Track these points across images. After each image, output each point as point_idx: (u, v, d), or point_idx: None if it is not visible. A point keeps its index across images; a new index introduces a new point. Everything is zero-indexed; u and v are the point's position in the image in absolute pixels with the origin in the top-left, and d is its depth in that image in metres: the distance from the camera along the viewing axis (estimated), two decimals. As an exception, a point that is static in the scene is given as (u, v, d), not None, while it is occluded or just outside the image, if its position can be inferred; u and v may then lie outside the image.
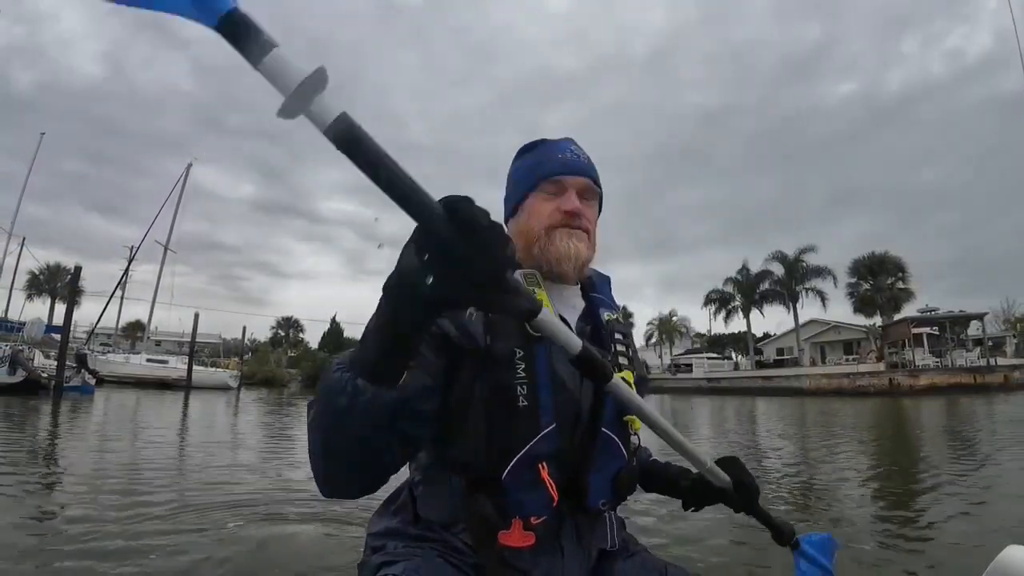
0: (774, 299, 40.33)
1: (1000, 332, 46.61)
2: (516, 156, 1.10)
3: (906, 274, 37.67)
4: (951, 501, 4.76)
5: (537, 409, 0.86)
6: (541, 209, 1.00)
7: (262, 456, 7.33)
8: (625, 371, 0.97)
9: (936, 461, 6.95)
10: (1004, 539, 1.04)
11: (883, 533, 3.87)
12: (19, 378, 18.65)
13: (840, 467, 6.73)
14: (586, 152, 1.06)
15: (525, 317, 0.65)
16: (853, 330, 40.37)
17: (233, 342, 50.29)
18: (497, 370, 0.87)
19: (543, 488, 0.85)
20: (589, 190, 1.03)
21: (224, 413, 15.94)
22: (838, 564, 1.08)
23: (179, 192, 37.82)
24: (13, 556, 3.07)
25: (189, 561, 3.07)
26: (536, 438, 0.86)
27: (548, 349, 0.89)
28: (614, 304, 1.09)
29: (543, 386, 0.87)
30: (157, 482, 5.23)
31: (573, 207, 0.98)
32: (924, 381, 27.59)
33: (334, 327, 45.46)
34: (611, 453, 0.94)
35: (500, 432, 0.86)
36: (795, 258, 38.59)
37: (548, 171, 1.01)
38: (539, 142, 1.07)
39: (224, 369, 33.97)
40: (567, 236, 0.98)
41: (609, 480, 0.93)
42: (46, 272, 44.08)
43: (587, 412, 0.93)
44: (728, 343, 56.37)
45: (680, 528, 3.91)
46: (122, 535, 3.50)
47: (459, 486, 0.89)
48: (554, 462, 0.87)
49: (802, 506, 4.80)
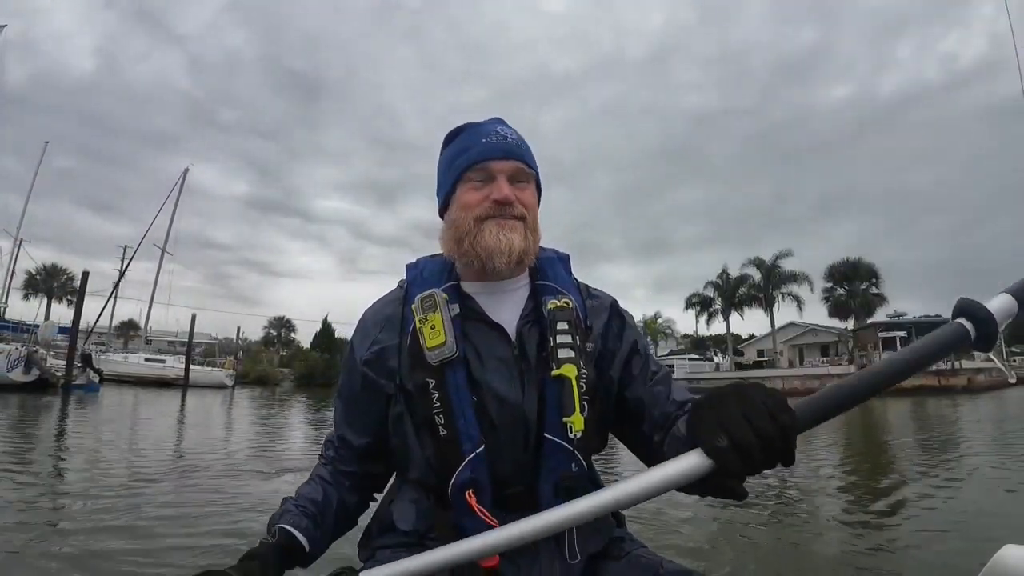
0: (752, 303, 41.76)
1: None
2: (443, 144, 1.03)
3: (879, 280, 39.25)
4: (924, 502, 4.92)
5: (457, 438, 0.85)
6: (469, 200, 0.94)
7: (262, 455, 8.02)
8: (565, 366, 0.88)
9: (903, 462, 7.24)
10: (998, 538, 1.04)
11: (876, 534, 3.99)
12: (33, 377, 20.02)
13: (818, 466, 7.02)
14: (516, 131, 1.00)
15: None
16: (830, 333, 41.92)
17: (225, 341, 51.16)
18: (417, 401, 0.89)
19: (476, 515, 0.84)
20: (521, 173, 0.96)
21: (227, 410, 17.17)
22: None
23: (176, 195, 38.83)
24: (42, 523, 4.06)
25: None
26: (460, 467, 0.85)
27: (465, 372, 0.88)
28: (566, 286, 1.00)
29: (458, 414, 0.86)
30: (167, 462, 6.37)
31: (502, 195, 0.92)
32: (889, 383, 28.98)
33: (326, 327, 46.30)
34: (555, 459, 0.89)
35: (435, 460, 0.88)
36: (772, 264, 40.05)
37: (473, 157, 0.95)
38: (464, 127, 1.01)
39: (221, 368, 34.96)
40: (497, 228, 0.92)
41: (552, 488, 0.89)
42: (43, 272, 44.77)
43: (535, 418, 0.90)
44: (712, 345, 57.82)
45: (680, 528, 4.14)
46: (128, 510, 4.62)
47: (426, 501, 0.92)
48: (488, 485, 0.86)
49: (784, 505, 5.05)
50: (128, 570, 3.17)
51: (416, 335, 0.91)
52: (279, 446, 8.72)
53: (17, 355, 19.86)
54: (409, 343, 0.92)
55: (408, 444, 0.92)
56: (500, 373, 0.91)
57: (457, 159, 0.97)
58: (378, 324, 0.98)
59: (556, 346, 0.91)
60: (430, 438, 0.88)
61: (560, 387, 0.88)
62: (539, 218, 1.01)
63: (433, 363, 0.87)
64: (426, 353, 0.88)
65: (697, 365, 48.80)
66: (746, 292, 41.53)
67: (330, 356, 40.79)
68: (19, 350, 20.26)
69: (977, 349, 0.70)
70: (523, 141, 1.00)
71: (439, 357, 0.87)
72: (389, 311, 0.99)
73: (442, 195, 1.01)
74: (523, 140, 1.00)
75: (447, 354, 0.87)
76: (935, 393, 26.56)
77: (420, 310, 0.91)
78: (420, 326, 0.90)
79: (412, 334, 0.92)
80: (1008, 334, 57.61)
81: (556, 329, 0.92)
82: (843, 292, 39.42)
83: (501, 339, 0.94)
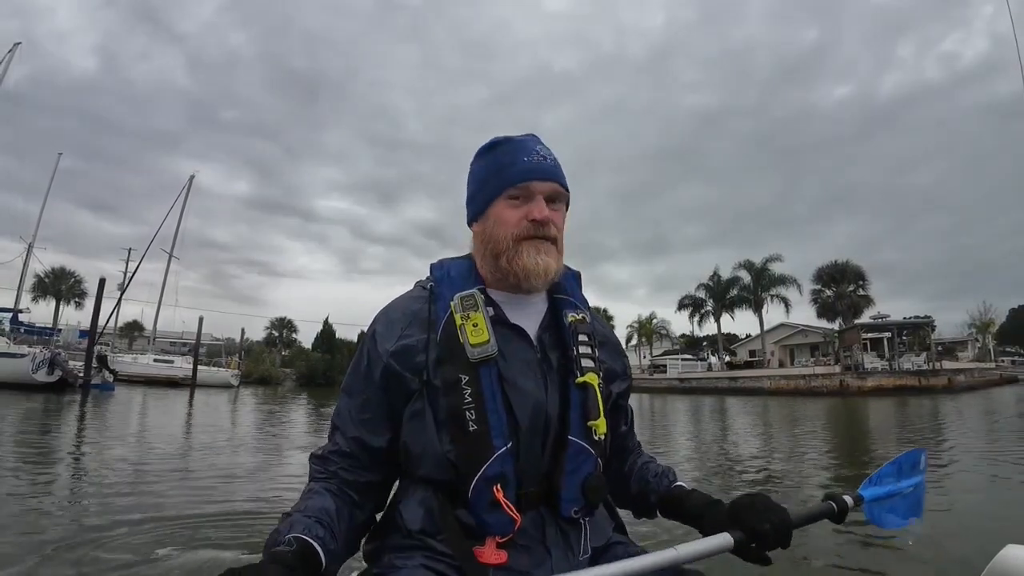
0: (742, 304, 42.86)
1: (964, 336, 49.54)
2: (478, 155, 1.05)
3: (866, 282, 40.43)
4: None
5: (488, 432, 0.88)
6: (508, 217, 0.98)
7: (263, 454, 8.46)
8: (588, 374, 0.96)
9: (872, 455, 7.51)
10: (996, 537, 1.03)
11: (878, 534, 3.89)
12: (55, 377, 21.55)
13: (814, 466, 7.16)
14: (552, 152, 1.03)
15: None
16: (819, 333, 43.02)
17: (227, 341, 52.30)
18: (446, 397, 0.90)
19: (502, 510, 0.87)
20: (557, 194, 1.00)
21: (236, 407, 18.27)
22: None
23: (183, 202, 40.04)
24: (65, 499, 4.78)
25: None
26: (488, 462, 0.87)
27: (496, 370, 0.91)
28: (581, 303, 1.06)
29: (491, 409, 0.89)
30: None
31: (543, 216, 0.96)
32: (871, 383, 29.90)
33: (327, 328, 47.28)
34: (579, 460, 0.93)
35: (457, 456, 0.89)
36: (761, 267, 41.17)
37: (515, 177, 0.98)
38: (502, 140, 1.03)
39: (226, 369, 36.10)
40: (535, 251, 0.96)
41: (579, 488, 0.93)
42: (51, 275, 45.94)
43: (556, 420, 0.94)
44: (708, 345, 58.81)
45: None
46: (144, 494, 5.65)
47: (435, 500, 0.92)
48: (513, 481, 0.89)
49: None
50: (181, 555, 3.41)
51: (450, 331, 0.93)
52: (291, 432, 9.80)
53: (42, 357, 21.41)
54: (442, 338, 0.94)
55: (425, 440, 0.92)
56: (525, 375, 0.94)
57: (498, 174, 1.00)
58: (406, 318, 0.99)
59: (580, 355, 0.98)
60: (457, 433, 0.89)
61: (584, 393, 0.95)
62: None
63: (474, 359, 0.90)
64: (468, 349, 0.91)
65: (689, 364, 49.89)
66: (736, 294, 42.67)
67: (331, 357, 41.56)
68: (43, 353, 21.81)
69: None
70: (558, 162, 1.03)
71: (481, 354, 0.90)
72: (416, 307, 1.00)
73: (475, 205, 1.04)
74: (558, 161, 1.03)
75: (489, 352, 0.91)
76: (915, 393, 27.06)
77: (461, 308, 0.93)
78: (462, 323, 0.92)
79: (446, 330, 0.94)
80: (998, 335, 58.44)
81: (578, 340, 0.99)
82: (830, 294, 40.53)
83: (525, 343, 0.98)
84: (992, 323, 52.28)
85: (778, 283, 40.45)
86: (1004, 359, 53.04)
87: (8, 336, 24.19)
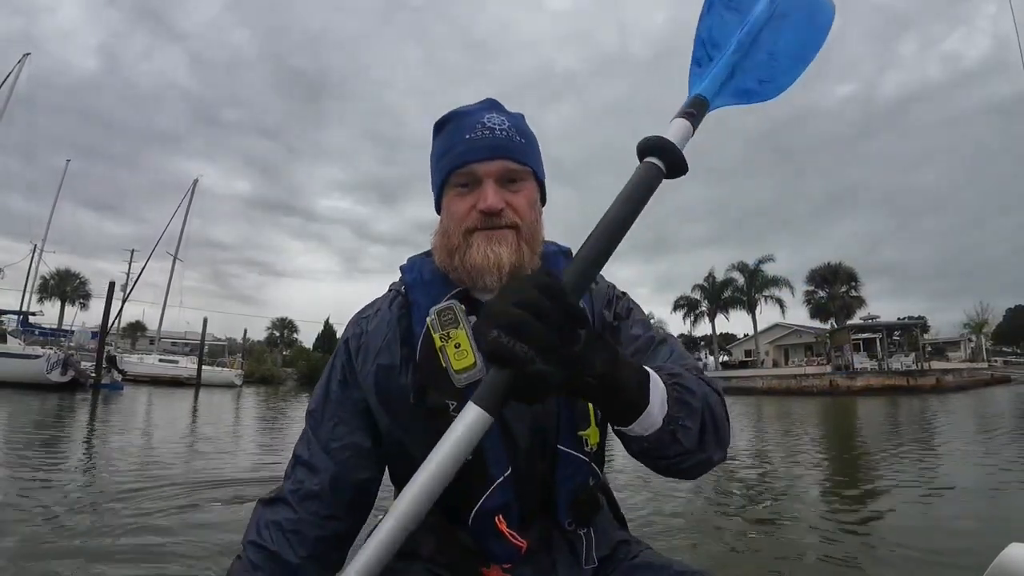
0: (736, 305, 43.55)
1: (957, 336, 50.20)
2: (433, 133, 0.93)
3: (858, 283, 41.10)
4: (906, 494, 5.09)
5: (484, 462, 0.81)
6: (456, 209, 0.87)
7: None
8: None
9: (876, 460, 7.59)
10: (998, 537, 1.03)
11: (879, 534, 4.03)
12: (68, 378, 22.43)
13: (813, 468, 7.29)
14: (510, 116, 0.90)
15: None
16: (812, 334, 43.62)
17: (229, 341, 52.97)
18: (434, 424, 0.76)
19: (505, 539, 0.81)
20: (511, 172, 0.86)
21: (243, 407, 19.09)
22: None
23: (187, 206, 40.73)
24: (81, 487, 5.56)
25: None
26: (487, 493, 0.81)
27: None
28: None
29: (485, 435, 0.71)
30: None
31: (488, 205, 0.83)
32: (860, 383, 30.52)
33: (327, 328, 47.98)
34: (569, 470, 0.86)
35: (451, 488, 0.65)
36: (754, 268, 41.88)
37: (455, 161, 0.86)
38: (452, 115, 0.91)
39: (230, 369, 36.77)
40: (485, 242, 0.84)
41: (570, 501, 0.87)
42: (56, 277, 46.76)
43: (551, 431, 0.86)
44: (705, 344, 59.43)
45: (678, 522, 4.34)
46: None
47: (433, 521, 0.82)
48: (516, 508, 0.83)
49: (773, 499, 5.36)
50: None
51: (430, 351, 0.80)
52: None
53: (56, 358, 22.31)
54: (422, 360, 0.84)
55: (413, 472, 0.69)
56: None
57: (442, 159, 0.89)
58: (380, 331, 0.90)
59: None
60: None
61: (574, 400, 0.84)
62: (543, 216, 0.92)
63: (460, 386, 0.74)
64: (452, 376, 0.75)
65: (685, 365, 50.23)
66: (730, 295, 43.34)
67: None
68: (57, 354, 22.69)
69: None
70: (517, 129, 0.89)
71: (468, 380, 0.74)
72: (390, 317, 0.91)
73: (435, 193, 0.93)
74: (518, 126, 0.89)
75: (477, 376, 0.73)
76: (903, 393, 27.43)
77: (439, 326, 0.76)
78: (442, 344, 0.75)
79: (425, 350, 0.84)
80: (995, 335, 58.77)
81: None
82: (823, 295, 41.22)
83: None
84: (987, 323, 52.81)
85: (770, 284, 41.12)
86: (997, 359, 53.40)
87: (20, 338, 25.00)
